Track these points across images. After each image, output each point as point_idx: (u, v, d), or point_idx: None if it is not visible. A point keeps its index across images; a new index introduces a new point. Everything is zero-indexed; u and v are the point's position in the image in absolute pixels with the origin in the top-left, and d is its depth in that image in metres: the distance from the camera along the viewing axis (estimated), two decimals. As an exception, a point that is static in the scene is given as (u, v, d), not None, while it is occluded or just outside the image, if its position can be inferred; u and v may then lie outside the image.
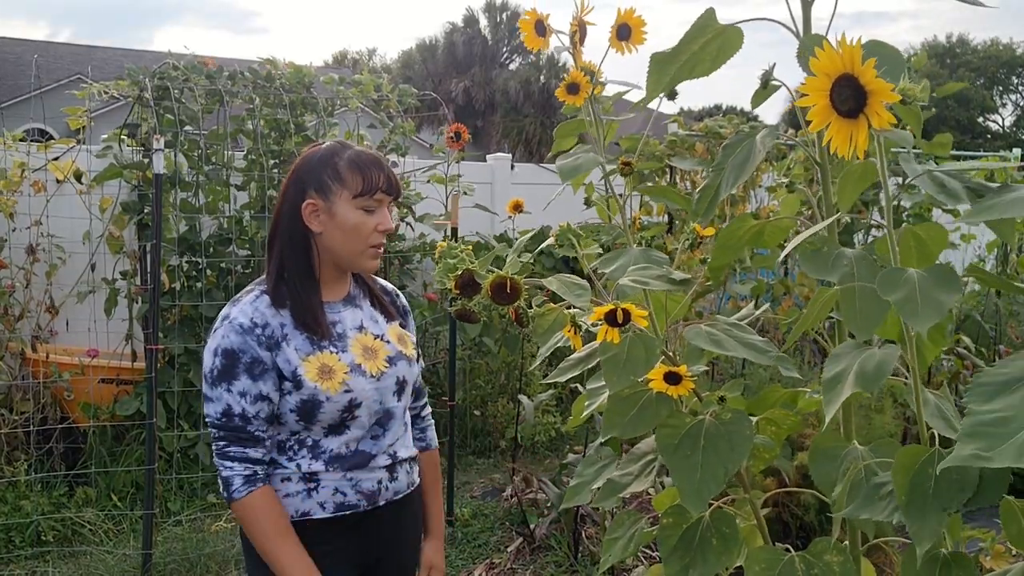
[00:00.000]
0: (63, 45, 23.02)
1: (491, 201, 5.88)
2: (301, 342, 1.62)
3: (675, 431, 1.19)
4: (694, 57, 1.08)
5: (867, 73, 0.90)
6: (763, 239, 1.32)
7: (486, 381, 5.51)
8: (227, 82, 4.51)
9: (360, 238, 1.64)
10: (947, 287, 0.96)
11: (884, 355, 1.03)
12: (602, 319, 1.14)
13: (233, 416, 1.57)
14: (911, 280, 0.98)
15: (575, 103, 1.35)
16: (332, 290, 1.71)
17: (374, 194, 1.63)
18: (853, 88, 0.91)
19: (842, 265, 1.06)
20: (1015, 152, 6.40)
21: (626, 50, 1.32)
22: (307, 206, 1.63)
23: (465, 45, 32.64)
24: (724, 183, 1.06)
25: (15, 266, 4.51)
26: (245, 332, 1.59)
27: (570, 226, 1.31)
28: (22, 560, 3.66)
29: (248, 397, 1.58)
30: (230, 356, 1.58)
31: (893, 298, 0.97)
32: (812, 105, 0.94)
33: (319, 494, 1.64)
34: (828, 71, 0.92)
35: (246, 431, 1.58)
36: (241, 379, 1.57)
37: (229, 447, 1.59)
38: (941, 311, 0.94)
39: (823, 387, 1.05)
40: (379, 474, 1.70)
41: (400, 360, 1.74)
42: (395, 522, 1.76)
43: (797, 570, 1.14)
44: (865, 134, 0.92)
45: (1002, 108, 39.64)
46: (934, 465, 0.98)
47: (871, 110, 0.91)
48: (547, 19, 1.34)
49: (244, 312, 1.61)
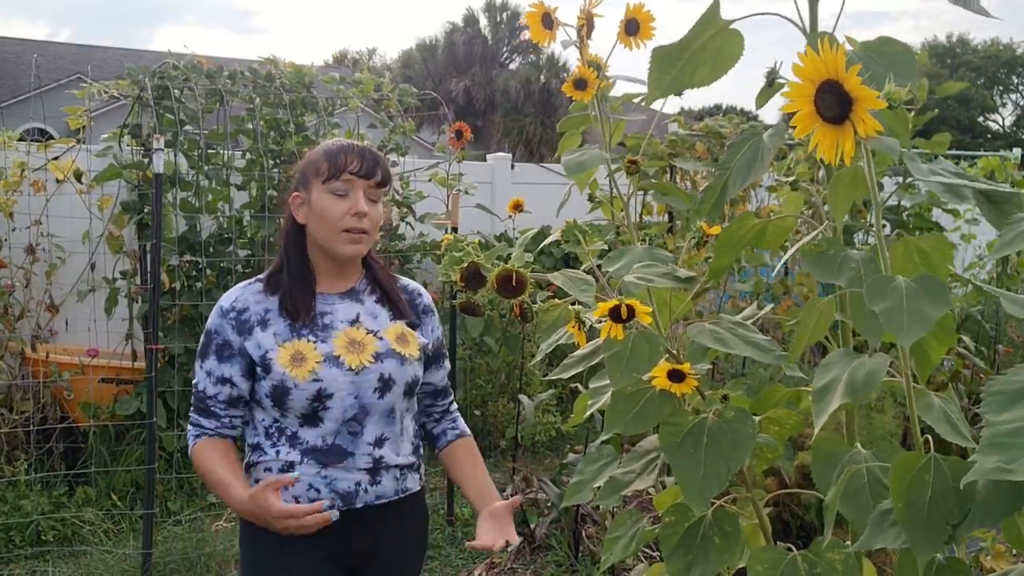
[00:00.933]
0: (63, 45, 23.01)
1: (491, 201, 5.87)
2: (282, 328, 1.68)
3: (678, 429, 1.19)
4: (695, 57, 1.06)
5: (851, 79, 0.88)
6: (765, 239, 1.31)
7: (486, 381, 5.50)
8: (227, 82, 4.51)
9: (330, 222, 1.66)
10: (935, 299, 0.94)
11: (875, 364, 1.01)
12: (606, 315, 1.13)
13: (199, 390, 1.72)
14: (899, 289, 0.95)
15: (583, 99, 1.35)
16: (331, 282, 1.74)
17: (339, 176, 1.66)
18: (838, 94, 0.90)
19: (849, 268, 1.05)
20: (1015, 152, 6.40)
21: (634, 45, 1.32)
22: (294, 199, 1.72)
23: (465, 45, 32.64)
24: (731, 183, 1.04)
25: (15, 266, 4.50)
26: (223, 315, 1.70)
27: (576, 222, 1.31)
28: (22, 560, 3.66)
29: (212, 376, 1.70)
30: (208, 335, 1.71)
31: (879, 308, 0.94)
32: (797, 111, 0.93)
33: (294, 488, 1.65)
34: (812, 77, 0.90)
35: (204, 403, 1.71)
36: (210, 358, 1.70)
37: (192, 414, 1.74)
38: (927, 325, 0.92)
39: (813, 396, 1.03)
40: (357, 476, 1.68)
41: (389, 358, 1.71)
42: (379, 525, 1.73)
43: (800, 569, 1.14)
44: (851, 141, 0.91)
45: (1002, 108, 39.66)
46: (930, 472, 0.97)
47: (856, 117, 0.90)
48: (555, 12, 1.34)
49: (229, 296, 1.73)
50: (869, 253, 1.07)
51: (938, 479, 0.96)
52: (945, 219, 5.45)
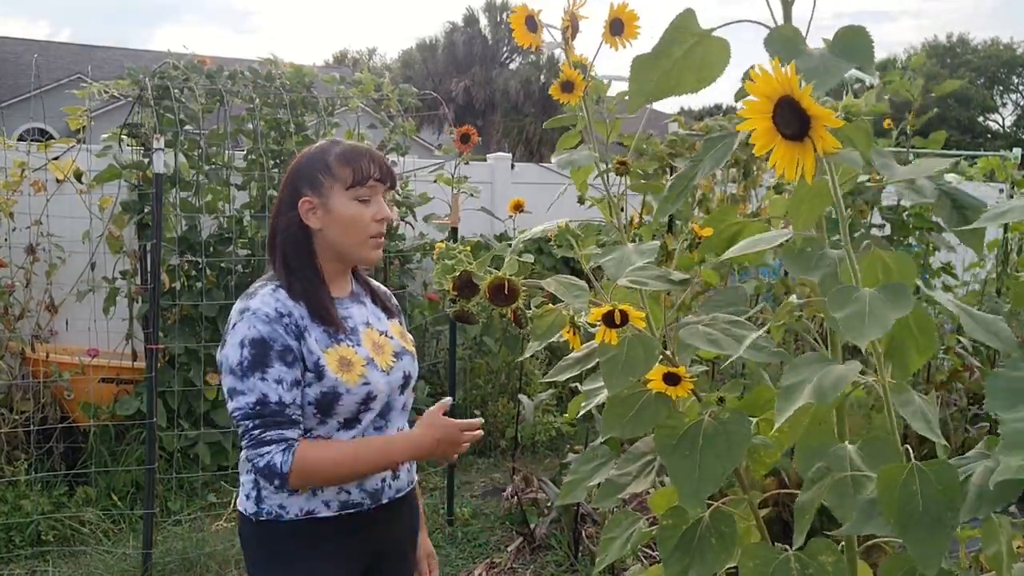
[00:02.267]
0: (63, 45, 23.00)
1: (491, 201, 5.88)
2: (319, 334, 1.64)
3: (673, 431, 1.19)
4: (678, 65, 1.03)
5: (806, 98, 0.87)
6: (740, 239, 1.31)
7: (486, 380, 5.51)
8: (227, 82, 4.52)
9: (359, 229, 1.66)
10: (897, 304, 0.95)
11: (843, 371, 1.02)
12: (600, 320, 1.14)
13: (269, 403, 1.56)
14: (862, 298, 0.96)
15: (571, 102, 1.35)
16: (337, 286, 1.74)
17: (366, 183, 1.65)
18: (795, 111, 0.88)
19: (824, 265, 1.05)
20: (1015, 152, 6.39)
21: (619, 45, 1.32)
22: (303, 204, 1.66)
23: (465, 45, 32.62)
24: (700, 172, 1.04)
25: (15, 266, 4.51)
26: (272, 321, 1.58)
27: (568, 225, 1.31)
28: (22, 560, 3.66)
29: (284, 383, 1.57)
30: (260, 345, 1.57)
31: (840, 315, 0.95)
32: (754, 129, 0.91)
33: (324, 492, 1.65)
34: (768, 94, 0.89)
35: (283, 415, 1.56)
36: (275, 366, 1.56)
37: (265, 432, 1.56)
38: (885, 326, 0.92)
39: (779, 394, 1.04)
40: (383, 472, 1.72)
41: (405, 355, 1.78)
42: (398, 519, 1.79)
43: (792, 568, 1.14)
44: (811, 159, 0.90)
45: (1002, 108, 39.63)
46: (916, 482, 0.97)
47: (815, 134, 0.88)
48: (538, 15, 1.34)
49: (267, 303, 1.61)
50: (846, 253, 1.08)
51: (925, 487, 0.96)
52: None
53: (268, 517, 1.65)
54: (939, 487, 0.94)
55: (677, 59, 1.03)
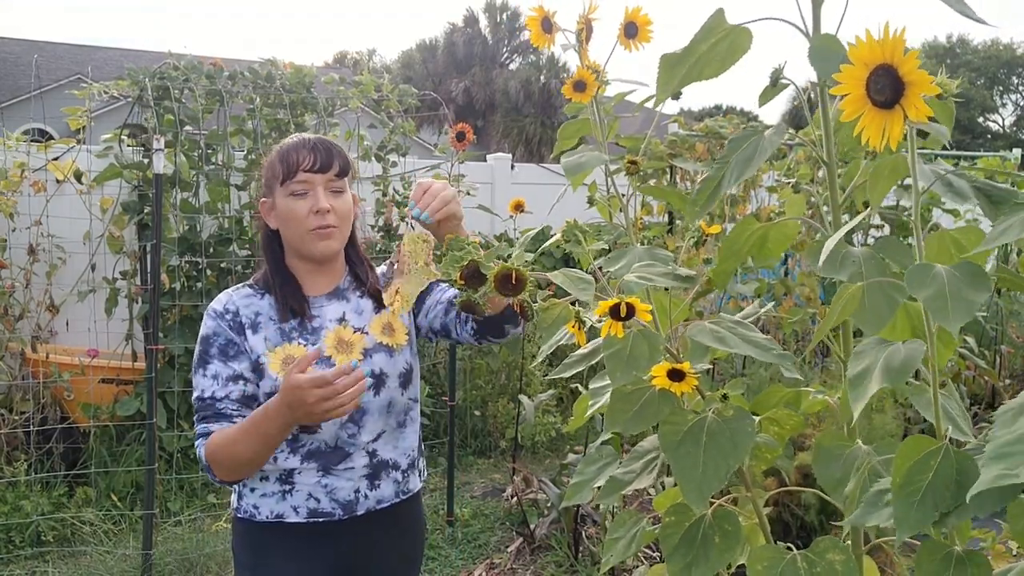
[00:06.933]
0: (63, 45, 22.98)
1: (491, 201, 5.88)
2: (272, 332, 1.64)
3: (677, 428, 1.19)
4: (703, 58, 1.06)
5: (908, 64, 0.88)
6: (767, 245, 1.30)
7: (486, 381, 5.51)
8: (227, 82, 4.52)
9: (297, 223, 1.63)
10: (977, 285, 0.92)
11: (910, 350, 1.01)
12: (606, 313, 1.14)
13: (204, 398, 1.60)
14: (939, 277, 0.94)
15: (582, 100, 1.36)
16: (315, 284, 1.71)
17: (294, 177, 1.62)
18: (891, 78, 0.89)
19: (850, 263, 1.05)
20: (1015, 152, 6.40)
21: (633, 48, 1.34)
22: (262, 205, 1.70)
23: (465, 45, 32.66)
24: (728, 176, 1.04)
25: (15, 266, 4.50)
26: (218, 317, 1.64)
27: (576, 222, 1.31)
28: (22, 560, 3.66)
29: (220, 379, 1.60)
30: (204, 342, 1.64)
31: (922, 295, 0.92)
32: (846, 94, 0.92)
33: (293, 497, 1.64)
34: (867, 60, 0.90)
35: (214, 408, 1.60)
36: (214, 362, 1.61)
37: (198, 425, 1.61)
38: (971, 311, 0.90)
39: (849, 384, 1.03)
40: (357, 482, 1.66)
41: (378, 353, 1.68)
42: (378, 532, 1.71)
43: (800, 569, 1.14)
44: (900, 126, 0.90)
45: (1002, 108, 39.67)
46: (938, 458, 0.96)
47: (908, 102, 0.89)
48: (554, 16, 1.35)
49: (220, 300, 1.67)
50: (869, 251, 1.08)
51: (944, 466, 0.95)
52: (945, 219, 5.44)
53: (245, 515, 1.68)
54: (957, 474, 0.94)
55: (702, 53, 1.05)
